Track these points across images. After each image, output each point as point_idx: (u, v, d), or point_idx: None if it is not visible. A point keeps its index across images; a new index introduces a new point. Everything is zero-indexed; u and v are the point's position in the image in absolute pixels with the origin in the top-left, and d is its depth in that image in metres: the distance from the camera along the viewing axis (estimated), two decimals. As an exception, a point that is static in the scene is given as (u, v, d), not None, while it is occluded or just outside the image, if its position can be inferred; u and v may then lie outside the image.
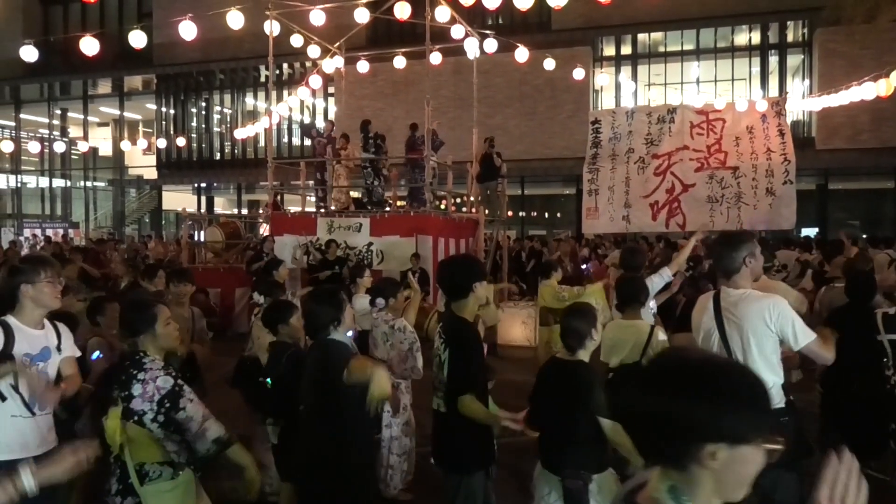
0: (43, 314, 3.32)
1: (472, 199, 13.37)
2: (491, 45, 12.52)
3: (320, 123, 18.02)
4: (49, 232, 26.40)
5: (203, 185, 29.55)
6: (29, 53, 10.56)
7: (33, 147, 24.32)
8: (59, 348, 3.36)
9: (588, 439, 3.20)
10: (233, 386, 4.92)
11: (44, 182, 32.70)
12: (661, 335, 4.46)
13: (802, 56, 22.98)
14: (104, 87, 30.91)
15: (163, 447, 2.94)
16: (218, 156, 28.85)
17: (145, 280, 5.86)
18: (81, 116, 31.05)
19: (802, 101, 19.65)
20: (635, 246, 8.89)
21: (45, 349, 3.28)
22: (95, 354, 4.13)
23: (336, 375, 3.08)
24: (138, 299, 3.68)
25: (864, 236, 17.92)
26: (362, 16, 11.61)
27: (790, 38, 23.35)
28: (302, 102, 24.06)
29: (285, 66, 25.72)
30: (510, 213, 16.92)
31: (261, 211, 15.23)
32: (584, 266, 14.54)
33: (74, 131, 31.81)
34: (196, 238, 14.20)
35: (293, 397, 3.56)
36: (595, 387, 3.26)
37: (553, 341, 6.57)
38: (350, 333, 3.65)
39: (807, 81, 22.52)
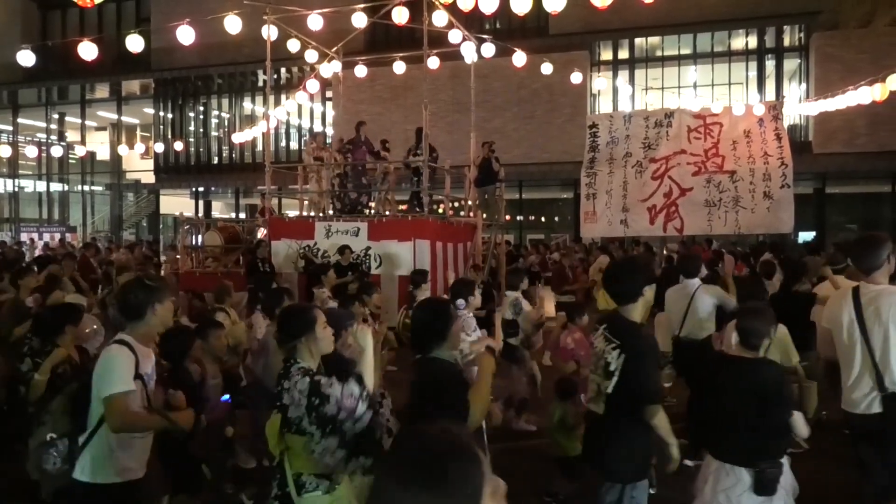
0: (156, 333, 3.39)
1: (470, 203, 13.38)
2: (489, 49, 12.53)
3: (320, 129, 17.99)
4: (46, 236, 26.36)
5: (201, 189, 29.53)
6: (27, 58, 10.54)
7: (31, 151, 24.22)
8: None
9: (778, 430, 3.33)
10: None
11: (41, 186, 32.67)
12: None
13: (799, 60, 23.04)
14: (102, 91, 30.93)
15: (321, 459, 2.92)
16: (216, 160, 28.84)
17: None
18: (79, 121, 31.04)
19: (799, 106, 19.68)
20: (692, 253, 9.14)
21: (153, 367, 3.33)
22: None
23: (441, 399, 2.98)
24: (296, 306, 3.79)
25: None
26: (360, 20, 11.62)
27: (787, 42, 23.41)
28: (300, 107, 24.10)
29: (283, 70, 25.74)
30: (508, 217, 16.91)
31: (256, 215, 15.22)
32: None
33: (72, 135, 31.81)
34: (194, 242, 14.17)
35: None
36: (786, 382, 3.46)
37: None
38: None
39: (804, 85, 22.57)
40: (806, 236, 21.30)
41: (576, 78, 14.35)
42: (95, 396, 3.09)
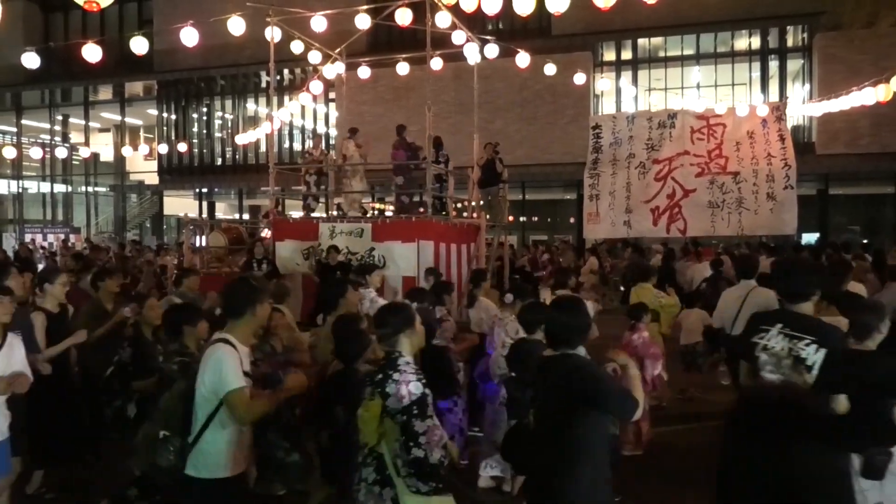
0: (254, 333, 3.50)
1: (473, 204, 13.37)
2: (492, 50, 12.53)
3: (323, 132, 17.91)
4: (50, 237, 26.42)
5: (204, 190, 29.58)
6: (30, 60, 10.56)
7: (35, 153, 24.34)
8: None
9: (889, 420, 3.34)
10: None
11: (45, 187, 32.74)
12: None
13: (802, 61, 23.01)
14: (105, 93, 30.98)
15: None
16: (219, 161, 28.88)
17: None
18: (83, 122, 31.12)
19: (803, 106, 19.65)
20: (750, 254, 9.35)
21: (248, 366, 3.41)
22: None
23: (588, 393, 3.01)
24: (396, 303, 4.01)
25: (865, 241, 17.93)
26: (363, 22, 11.62)
27: (790, 42, 23.38)
28: (303, 108, 24.14)
29: (286, 71, 25.77)
30: (511, 219, 16.92)
31: (260, 217, 15.25)
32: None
33: (76, 137, 31.87)
34: (197, 243, 14.19)
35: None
36: None
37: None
38: None
39: (807, 86, 22.55)
40: (809, 238, 21.25)
41: (579, 79, 14.35)
42: (203, 396, 3.20)
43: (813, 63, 22.20)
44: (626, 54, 24.50)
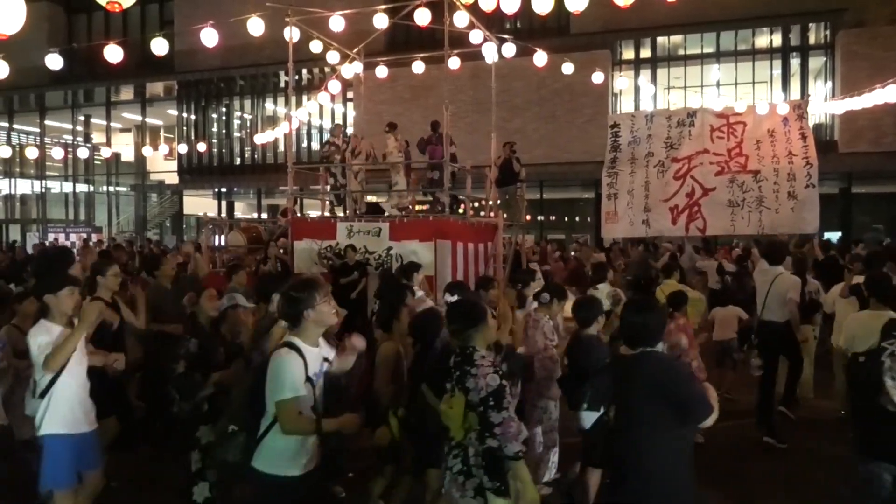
0: (321, 332, 3.46)
1: (490, 203, 13.36)
2: (510, 49, 12.50)
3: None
4: (73, 236, 26.74)
5: (223, 189, 29.81)
6: (54, 61, 10.71)
7: (57, 153, 24.65)
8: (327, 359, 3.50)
9: None
10: None
11: (68, 187, 33.16)
12: None
13: (825, 58, 22.73)
14: (126, 93, 31.32)
15: None
16: (238, 161, 29.09)
17: None
18: (104, 122, 31.48)
19: (825, 104, 19.41)
20: (778, 241, 9.54)
21: (321, 366, 3.42)
22: None
23: (666, 393, 3.08)
24: (469, 300, 4.22)
25: (888, 240, 17.68)
26: (381, 21, 11.64)
27: (812, 40, 23.10)
28: (321, 107, 24.24)
29: (305, 71, 25.90)
30: (529, 218, 16.87)
31: (278, 216, 15.34)
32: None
33: (98, 137, 32.26)
34: (216, 243, 14.31)
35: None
36: None
37: None
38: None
39: (829, 84, 22.27)
40: (831, 237, 20.99)
41: (597, 77, 14.27)
42: (269, 396, 3.23)
43: (835, 60, 21.91)
44: (645, 52, 24.34)
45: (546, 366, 5.35)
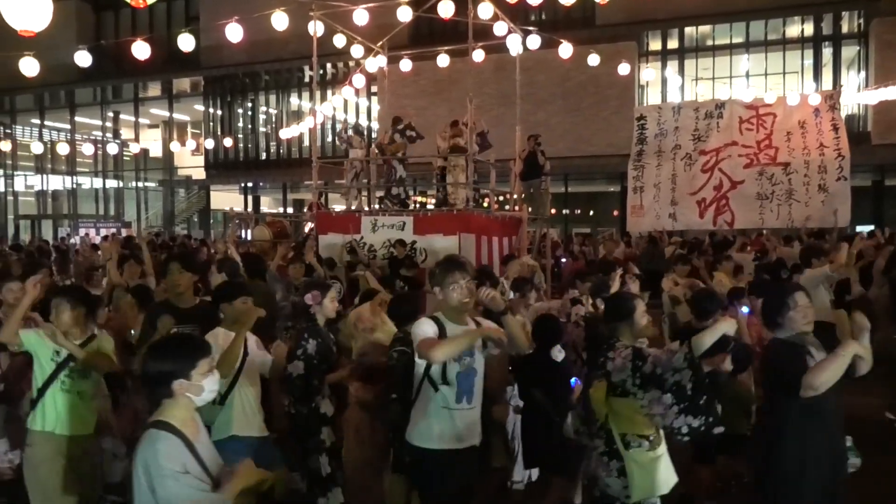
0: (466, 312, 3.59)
1: (515, 196, 13.29)
2: (534, 41, 12.38)
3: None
4: (103, 231, 27.15)
5: (249, 184, 30.06)
6: (83, 58, 10.83)
7: (87, 149, 25.05)
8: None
9: None
10: None
11: (98, 183, 33.66)
12: None
13: (858, 48, 22.25)
14: (154, 89, 31.68)
15: (643, 420, 3.41)
16: (264, 156, 29.31)
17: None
18: (133, 119, 31.90)
19: (858, 95, 19.04)
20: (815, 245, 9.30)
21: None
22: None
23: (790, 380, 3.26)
24: (622, 294, 4.54)
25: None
26: (405, 14, 11.59)
27: (845, 29, 22.61)
28: (346, 102, 24.28)
29: (329, 66, 25.97)
30: (553, 211, 16.77)
31: (304, 210, 15.46)
32: (562, 260, 14.41)
33: (126, 133, 32.70)
34: (243, 237, 14.43)
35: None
36: None
37: None
38: None
39: (862, 74, 21.80)
40: (863, 230, 20.58)
41: (623, 69, 14.10)
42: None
43: (869, 50, 21.44)
44: (673, 43, 24.01)
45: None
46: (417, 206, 12.57)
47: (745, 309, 5.76)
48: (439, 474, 3.49)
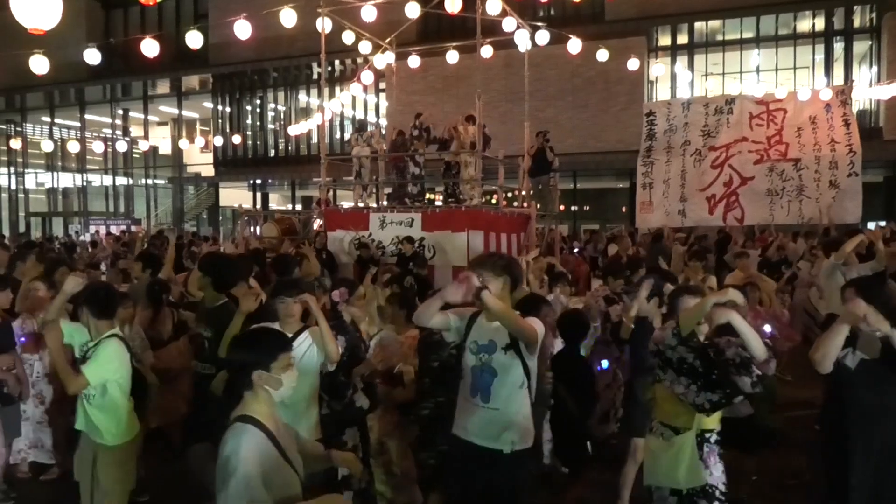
0: None
1: (523, 193, 13.26)
2: (543, 37, 12.36)
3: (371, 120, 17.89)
4: (113, 228, 27.29)
5: (258, 181, 30.12)
6: (92, 56, 10.88)
7: (97, 147, 25.14)
8: None
9: None
10: None
11: (107, 180, 33.82)
12: None
13: (870, 42, 22.04)
14: (163, 87, 31.78)
15: (672, 409, 3.49)
16: (272, 153, 29.35)
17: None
18: (142, 116, 32.00)
19: (870, 90, 18.88)
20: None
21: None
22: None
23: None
24: (683, 287, 4.42)
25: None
26: (413, 11, 11.59)
27: (857, 23, 22.40)
28: (354, 98, 24.30)
29: (337, 62, 25.96)
30: (562, 208, 16.71)
31: (313, 206, 15.48)
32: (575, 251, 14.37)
33: (136, 131, 32.80)
34: (252, 233, 14.47)
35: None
36: None
37: None
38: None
39: (874, 69, 21.60)
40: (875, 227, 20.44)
41: (632, 65, 14.04)
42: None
43: (881, 44, 21.23)
44: (682, 38, 23.86)
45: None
46: (426, 202, 12.54)
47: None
48: (456, 463, 3.51)
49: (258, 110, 29.44)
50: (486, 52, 12.54)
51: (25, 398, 5.17)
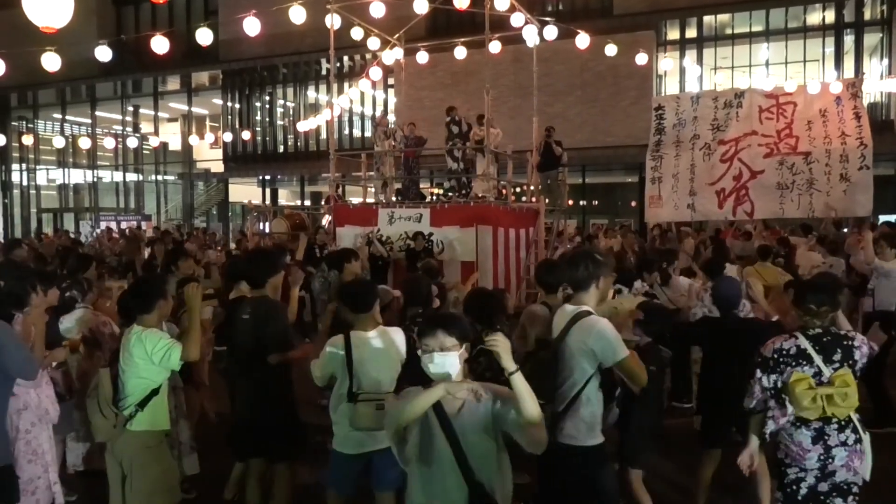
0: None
1: (532, 188, 13.28)
2: (551, 32, 12.35)
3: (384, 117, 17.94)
4: (123, 224, 27.48)
5: (267, 177, 30.23)
6: (103, 53, 10.98)
7: (108, 143, 25.30)
8: None
9: None
10: None
11: (118, 176, 34.01)
12: None
13: (881, 34, 21.88)
14: (173, 83, 31.91)
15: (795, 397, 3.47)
16: (281, 149, 29.45)
17: None
18: (152, 112, 32.15)
19: (881, 83, 18.75)
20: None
21: None
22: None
23: None
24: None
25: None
26: (421, 6, 11.62)
27: (867, 16, 22.23)
28: (362, 94, 24.35)
29: (346, 58, 26.00)
30: (571, 203, 16.73)
31: (322, 203, 15.56)
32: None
33: (146, 127, 32.96)
34: (261, 229, 14.57)
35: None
36: None
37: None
38: None
39: (885, 61, 21.45)
40: (886, 220, 20.29)
41: (641, 59, 14.01)
42: (608, 358, 3.30)
43: (892, 37, 21.06)
44: (691, 32, 23.75)
45: None
46: (434, 198, 12.60)
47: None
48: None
49: (267, 106, 29.53)
50: (495, 47, 12.56)
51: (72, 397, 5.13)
